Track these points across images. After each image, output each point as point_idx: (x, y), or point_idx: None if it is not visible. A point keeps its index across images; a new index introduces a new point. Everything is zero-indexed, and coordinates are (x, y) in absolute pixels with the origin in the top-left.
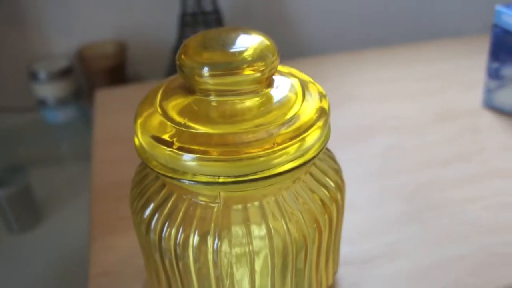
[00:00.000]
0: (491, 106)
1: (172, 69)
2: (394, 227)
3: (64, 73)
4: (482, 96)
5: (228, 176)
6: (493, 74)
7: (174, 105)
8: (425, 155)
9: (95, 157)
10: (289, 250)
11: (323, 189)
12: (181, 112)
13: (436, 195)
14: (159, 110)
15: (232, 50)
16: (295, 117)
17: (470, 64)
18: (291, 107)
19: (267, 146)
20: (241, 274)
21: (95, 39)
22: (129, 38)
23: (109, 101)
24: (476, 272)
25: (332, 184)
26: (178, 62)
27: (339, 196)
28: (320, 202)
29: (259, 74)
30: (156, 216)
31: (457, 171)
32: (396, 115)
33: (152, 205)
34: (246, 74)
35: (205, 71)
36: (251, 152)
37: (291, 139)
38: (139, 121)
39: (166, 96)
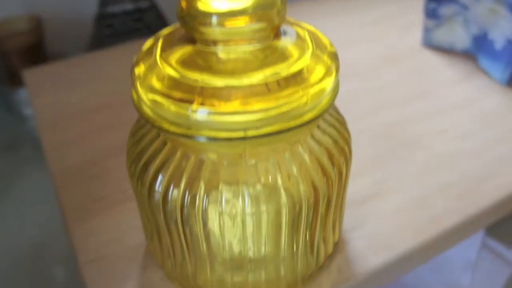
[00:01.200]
0: (430, 45)
1: (96, 40)
2: (376, 167)
3: None
4: (421, 37)
5: (257, 128)
6: (431, 14)
7: (177, 59)
8: (382, 98)
9: (44, 141)
10: (302, 206)
11: (331, 142)
12: (188, 66)
13: (405, 133)
14: (163, 64)
15: None
16: (310, 65)
17: (406, 7)
18: (304, 55)
19: (292, 94)
20: (250, 233)
21: (4, 16)
22: (44, 11)
23: (40, 80)
24: (461, 196)
25: (339, 136)
26: (179, 13)
27: (346, 149)
28: (329, 156)
29: (267, 23)
30: (160, 177)
31: (417, 109)
32: (345, 62)
33: (154, 166)
34: (255, 22)
35: (210, 20)
36: (279, 102)
37: (313, 84)
38: (140, 77)
39: (166, 50)
